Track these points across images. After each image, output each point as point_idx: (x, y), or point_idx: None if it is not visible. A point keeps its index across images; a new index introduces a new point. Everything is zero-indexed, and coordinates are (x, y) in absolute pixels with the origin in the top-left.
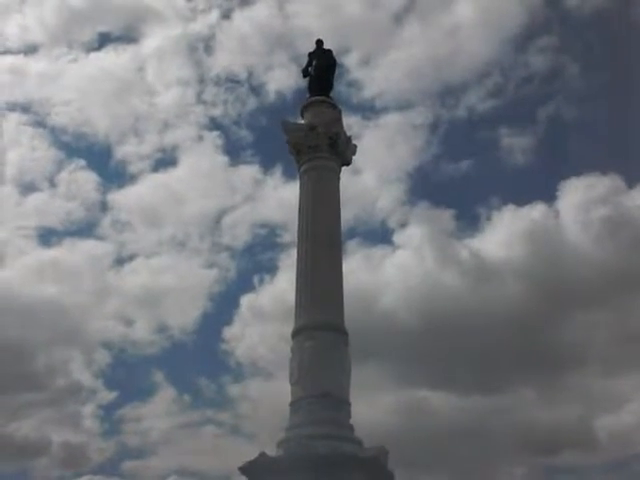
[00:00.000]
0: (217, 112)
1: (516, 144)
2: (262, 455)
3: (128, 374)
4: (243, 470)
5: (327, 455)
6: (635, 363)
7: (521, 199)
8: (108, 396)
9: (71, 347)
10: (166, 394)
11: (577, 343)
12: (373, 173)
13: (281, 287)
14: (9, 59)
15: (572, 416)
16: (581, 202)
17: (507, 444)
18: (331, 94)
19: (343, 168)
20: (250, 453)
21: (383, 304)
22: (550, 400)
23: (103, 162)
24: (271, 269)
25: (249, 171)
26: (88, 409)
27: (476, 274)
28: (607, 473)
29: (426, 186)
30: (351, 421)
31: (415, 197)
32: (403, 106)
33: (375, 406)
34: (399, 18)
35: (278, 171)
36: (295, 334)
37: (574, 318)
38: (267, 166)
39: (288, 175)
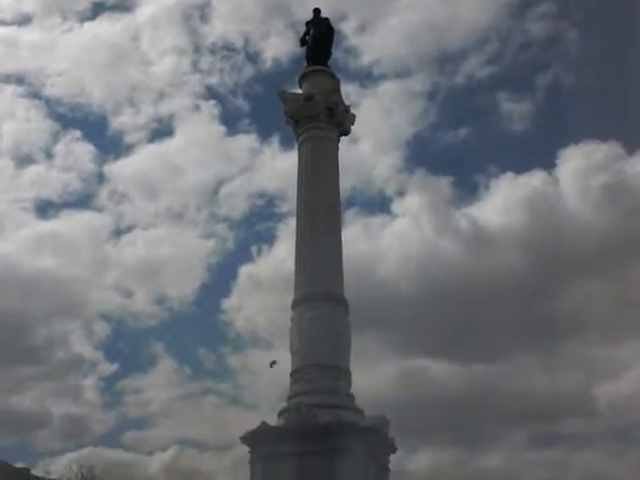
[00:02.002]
0: (213, 81)
1: (515, 111)
2: (263, 424)
3: (128, 346)
4: (244, 440)
5: (328, 424)
6: (635, 331)
7: (520, 167)
8: (108, 368)
9: (71, 319)
10: (166, 365)
11: (577, 311)
12: (370, 141)
13: (280, 257)
14: (2, 30)
15: (572, 384)
16: (580, 169)
17: (507, 411)
18: (329, 63)
19: (341, 138)
20: (251, 423)
21: (382, 273)
22: (550, 368)
23: (99, 133)
24: (269, 239)
25: (246, 141)
26: (89, 381)
27: (475, 242)
28: (606, 440)
29: (424, 154)
30: (352, 390)
31: (413, 165)
32: (401, 73)
33: (376, 375)
34: None
35: (275, 140)
36: (295, 304)
37: (574, 286)
38: (264, 135)
39: (286, 144)
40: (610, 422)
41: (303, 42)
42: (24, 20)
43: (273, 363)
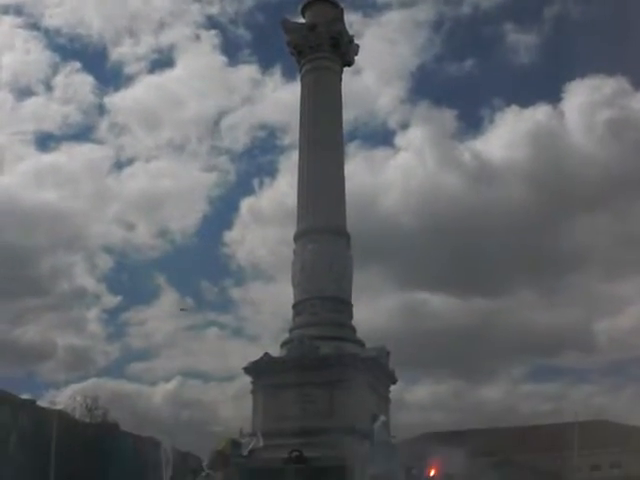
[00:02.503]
0: (214, 10)
1: (521, 42)
2: (266, 355)
3: (131, 278)
4: (247, 370)
5: (329, 355)
6: (636, 266)
7: (525, 100)
8: (112, 300)
9: (73, 252)
10: (169, 297)
11: (579, 246)
12: (374, 72)
13: (281, 190)
14: None
15: (572, 318)
16: (586, 104)
17: (507, 345)
18: None
19: (344, 68)
20: (253, 354)
21: (384, 207)
22: (551, 302)
23: (99, 64)
24: (271, 172)
25: (247, 71)
26: (92, 313)
27: (478, 176)
28: (605, 375)
29: (428, 85)
30: (353, 322)
31: (417, 97)
32: (405, 2)
33: (376, 308)
34: None
35: (277, 71)
36: (297, 237)
37: (576, 221)
38: (266, 66)
39: (288, 75)
40: (609, 357)
41: None
42: None
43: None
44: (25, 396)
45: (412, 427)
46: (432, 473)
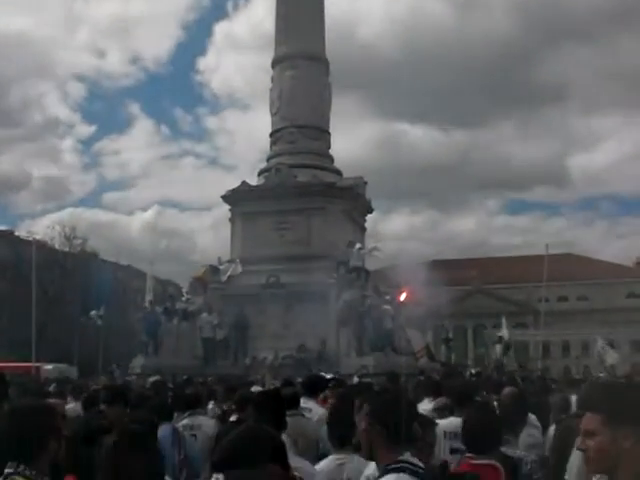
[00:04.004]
0: None
1: None
2: (244, 184)
3: (105, 107)
4: (225, 198)
5: (307, 183)
6: (616, 102)
7: None
8: (86, 130)
9: (44, 81)
10: (143, 126)
11: (560, 78)
12: None
13: (257, 14)
14: None
15: (548, 152)
16: None
17: (483, 178)
18: None
19: None
20: (229, 183)
21: (365, 34)
22: (528, 135)
23: None
24: None
25: None
26: (67, 143)
27: (463, 2)
28: (576, 210)
29: None
30: (331, 151)
31: None
32: None
33: (355, 137)
34: None
35: None
36: (275, 63)
37: (559, 52)
38: None
39: None
40: (582, 192)
41: None
42: None
43: None
44: (3, 227)
45: (387, 257)
46: (403, 298)
